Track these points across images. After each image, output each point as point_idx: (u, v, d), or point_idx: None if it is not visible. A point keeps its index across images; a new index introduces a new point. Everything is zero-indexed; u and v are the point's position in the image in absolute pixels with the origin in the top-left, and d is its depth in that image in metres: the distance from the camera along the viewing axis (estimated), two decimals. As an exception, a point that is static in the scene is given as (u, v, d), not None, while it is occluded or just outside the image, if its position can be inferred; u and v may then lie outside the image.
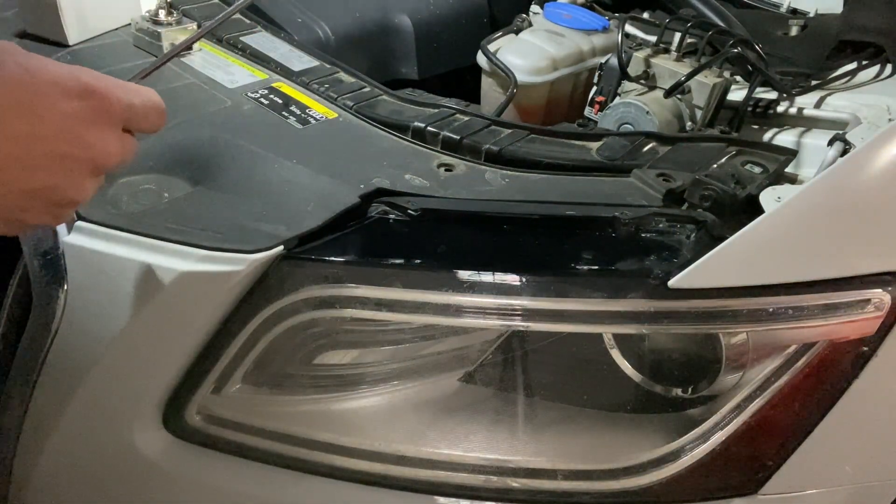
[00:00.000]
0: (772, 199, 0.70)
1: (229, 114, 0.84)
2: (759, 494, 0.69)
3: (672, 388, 0.69)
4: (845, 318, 0.64)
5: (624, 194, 0.74)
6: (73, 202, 0.47)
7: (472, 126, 0.83)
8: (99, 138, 0.46)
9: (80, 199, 0.48)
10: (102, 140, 0.47)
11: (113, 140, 0.48)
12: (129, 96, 0.48)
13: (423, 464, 0.69)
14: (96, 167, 0.47)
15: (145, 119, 0.50)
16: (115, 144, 0.48)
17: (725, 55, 0.98)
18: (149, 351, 0.68)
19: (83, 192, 0.48)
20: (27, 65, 0.43)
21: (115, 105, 0.47)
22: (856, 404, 0.66)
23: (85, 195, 0.48)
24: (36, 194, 0.45)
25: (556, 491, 0.69)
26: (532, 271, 0.64)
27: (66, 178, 0.46)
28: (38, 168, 0.44)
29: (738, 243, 0.62)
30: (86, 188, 0.48)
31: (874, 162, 0.64)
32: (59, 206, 0.47)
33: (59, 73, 0.45)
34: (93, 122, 0.46)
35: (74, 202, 0.48)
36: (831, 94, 0.98)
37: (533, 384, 0.71)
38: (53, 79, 0.44)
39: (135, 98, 0.49)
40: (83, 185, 0.47)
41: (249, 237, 0.65)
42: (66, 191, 0.46)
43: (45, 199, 0.46)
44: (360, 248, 0.67)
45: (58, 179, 0.45)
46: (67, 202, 0.47)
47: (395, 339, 0.70)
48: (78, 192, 0.47)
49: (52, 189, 0.46)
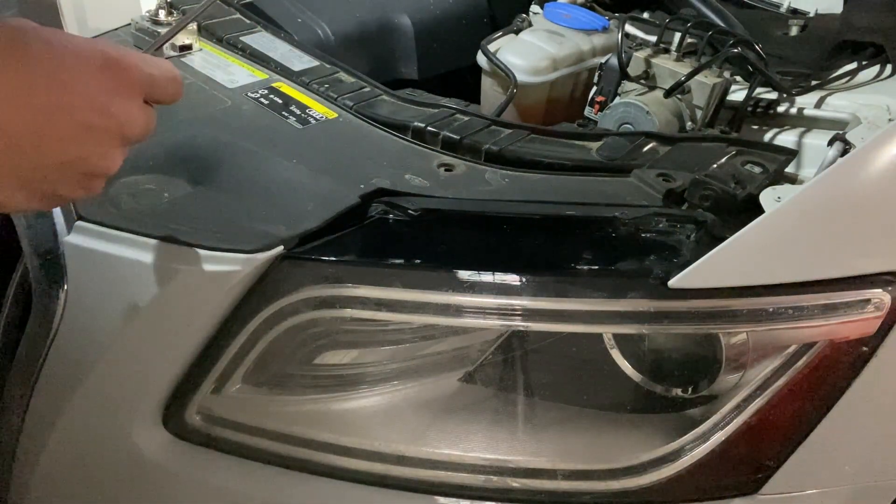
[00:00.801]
0: (772, 199, 0.70)
1: (229, 114, 0.84)
2: (759, 494, 0.69)
3: (672, 388, 0.69)
4: (845, 318, 0.64)
5: (624, 194, 0.74)
6: (104, 172, 0.49)
7: (472, 126, 0.83)
8: (124, 108, 0.48)
9: (110, 168, 0.49)
10: (127, 110, 0.48)
11: (137, 110, 0.49)
12: (149, 67, 0.50)
13: (423, 464, 0.69)
14: (123, 137, 0.48)
15: (165, 90, 0.51)
16: (139, 114, 0.49)
17: (725, 55, 0.98)
18: (149, 351, 0.68)
19: (113, 162, 0.49)
20: (51, 40, 0.44)
21: (137, 75, 0.48)
22: (856, 404, 0.66)
23: (114, 165, 0.49)
24: (68, 166, 0.46)
25: (556, 491, 0.69)
26: (532, 271, 0.64)
27: (96, 148, 0.47)
28: (68, 140, 0.45)
29: (738, 243, 0.62)
30: (115, 158, 0.49)
31: (874, 162, 0.64)
32: (90, 176, 0.48)
33: (82, 46, 0.46)
34: (117, 93, 0.47)
35: (105, 172, 0.49)
36: (831, 94, 0.98)
37: (533, 384, 0.71)
38: (77, 52, 0.45)
39: (154, 69, 0.50)
40: (112, 155, 0.48)
41: (249, 237, 0.65)
42: (96, 161, 0.47)
43: (77, 170, 0.47)
44: (361, 248, 0.67)
45: (88, 150, 0.47)
46: (99, 172, 0.48)
47: (395, 339, 0.70)
48: (108, 161, 0.48)
49: (84, 160, 0.47)
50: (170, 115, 0.83)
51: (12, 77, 0.42)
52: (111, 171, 0.49)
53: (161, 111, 0.54)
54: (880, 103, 0.93)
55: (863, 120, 0.89)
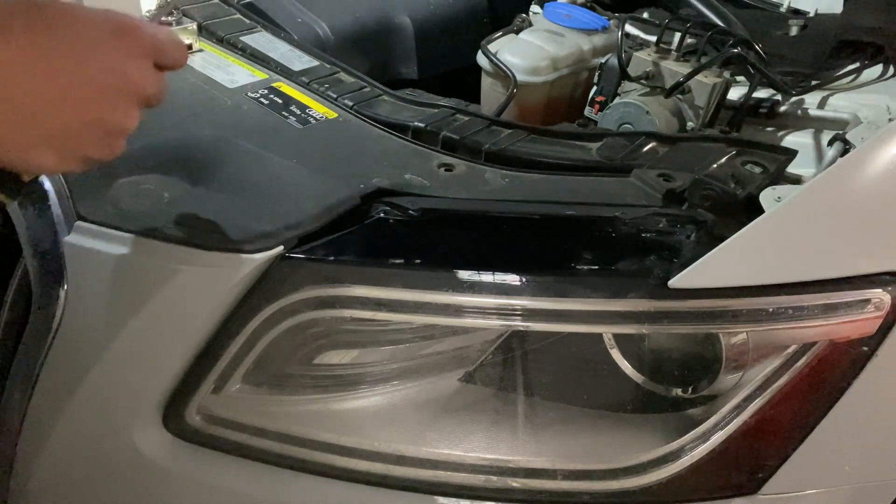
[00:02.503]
0: (772, 199, 0.70)
1: (229, 114, 0.84)
2: (759, 494, 0.69)
3: (672, 388, 0.69)
4: (845, 318, 0.64)
5: (624, 194, 0.74)
6: (123, 131, 0.53)
7: (472, 126, 0.83)
8: (137, 70, 0.52)
9: (128, 126, 0.53)
10: (140, 72, 0.52)
11: (149, 72, 0.53)
12: (156, 32, 0.54)
13: (423, 464, 0.69)
14: (139, 97, 0.52)
15: (172, 54, 0.55)
16: (151, 75, 0.53)
17: (725, 55, 0.98)
18: (149, 351, 0.68)
19: (131, 121, 0.53)
20: (66, 9, 0.49)
21: (147, 40, 0.52)
22: (856, 404, 0.66)
23: (133, 123, 0.53)
24: (92, 125, 0.50)
25: (556, 491, 0.68)
26: (532, 271, 0.64)
27: (115, 107, 0.51)
28: (89, 101, 0.49)
29: (738, 243, 0.62)
30: (133, 116, 0.53)
31: (874, 162, 0.64)
32: (112, 135, 0.52)
33: (94, 14, 0.50)
34: (129, 56, 0.51)
35: (125, 130, 0.53)
36: (831, 94, 0.98)
37: (533, 384, 0.71)
38: (91, 20, 0.50)
39: (160, 34, 0.54)
40: (131, 114, 0.52)
41: (249, 237, 0.65)
42: (117, 120, 0.51)
43: (99, 129, 0.51)
44: (361, 249, 0.67)
45: (108, 109, 0.51)
46: (119, 131, 0.52)
47: (395, 339, 0.70)
48: (127, 120, 0.52)
49: (105, 120, 0.51)
50: (170, 115, 0.83)
51: (34, 44, 0.46)
52: (130, 128, 0.53)
53: (161, 111, 0.55)
54: (880, 103, 0.93)
55: (863, 120, 0.89)
